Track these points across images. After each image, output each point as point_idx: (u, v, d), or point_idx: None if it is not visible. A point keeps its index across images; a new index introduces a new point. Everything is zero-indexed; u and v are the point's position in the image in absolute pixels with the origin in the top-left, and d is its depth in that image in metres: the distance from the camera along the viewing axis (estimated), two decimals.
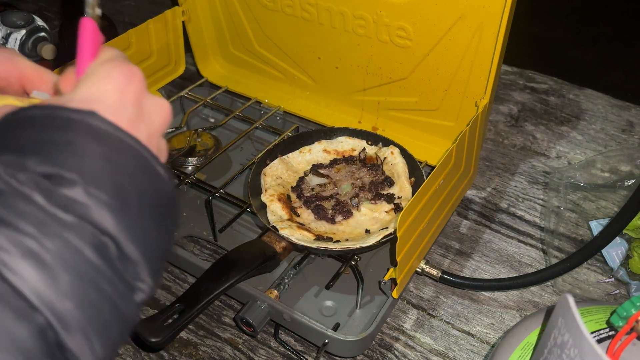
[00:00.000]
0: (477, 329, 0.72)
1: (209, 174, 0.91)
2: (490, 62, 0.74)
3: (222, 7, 0.99)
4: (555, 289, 0.76)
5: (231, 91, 1.04)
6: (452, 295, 0.76)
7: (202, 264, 0.71)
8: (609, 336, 0.46)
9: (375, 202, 0.77)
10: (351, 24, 0.84)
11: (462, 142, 0.71)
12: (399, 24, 0.80)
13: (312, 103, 0.99)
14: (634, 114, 1.05)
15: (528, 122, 1.04)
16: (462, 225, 0.85)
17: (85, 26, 0.38)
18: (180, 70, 1.04)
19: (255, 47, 1.01)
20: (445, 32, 0.77)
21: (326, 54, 0.92)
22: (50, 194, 0.27)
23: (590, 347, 0.37)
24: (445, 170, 0.68)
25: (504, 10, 0.69)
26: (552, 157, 0.97)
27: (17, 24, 1.15)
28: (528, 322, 0.55)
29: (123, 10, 1.42)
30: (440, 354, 0.69)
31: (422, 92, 0.85)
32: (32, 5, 1.44)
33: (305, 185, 0.80)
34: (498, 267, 0.79)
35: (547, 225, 0.83)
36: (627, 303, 0.43)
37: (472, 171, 0.84)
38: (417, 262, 0.71)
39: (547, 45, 1.32)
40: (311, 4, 0.86)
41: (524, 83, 1.14)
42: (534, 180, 0.93)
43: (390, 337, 0.71)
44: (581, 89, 1.12)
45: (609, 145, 0.98)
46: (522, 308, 0.74)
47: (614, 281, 0.76)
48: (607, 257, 0.77)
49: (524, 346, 0.52)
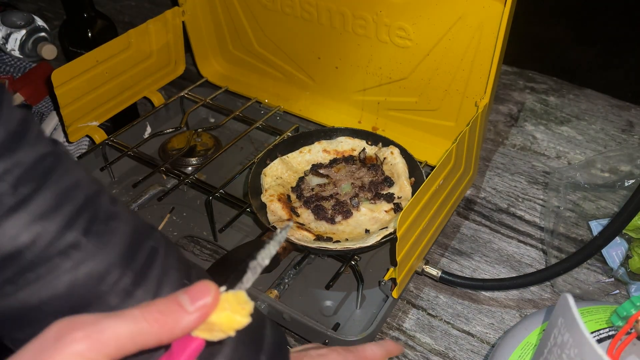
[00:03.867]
0: (477, 328, 0.72)
1: (209, 174, 0.91)
2: (490, 62, 0.74)
3: (222, 7, 0.99)
4: (555, 288, 0.76)
5: (231, 91, 1.04)
6: (452, 295, 0.76)
7: (202, 264, 0.71)
8: (609, 336, 0.46)
9: (375, 202, 0.76)
10: (351, 24, 0.84)
11: (462, 142, 0.71)
12: (398, 24, 0.80)
13: (312, 103, 0.99)
14: (633, 114, 1.05)
15: (528, 122, 1.04)
16: (462, 225, 0.85)
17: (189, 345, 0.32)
18: (180, 70, 1.04)
19: (255, 47, 1.01)
20: (445, 32, 0.77)
21: (326, 54, 0.92)
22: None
23: (590, 347, 0.36)
24: (445, 170, 0.68)
25: (503, 10, 0.69)
26: (552, 157, 0.97)
27: (17, 24, 1.15)
28: (528, 322, 0.55)
29: (123, 10, 1.42)
30: (440, 354, 0.69)
31: (422, 92, 0.85)
32: (32, 5, 1.44)
33: (305, 185, 0.80)
34: (498, 267, 0.79)
35: (547, 225, 0.83)
36: (627, 303, 0.43)
37: (472, 171, 0.84)
38: (417, 262, 0.71)
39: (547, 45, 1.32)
40: (311, 4, 0.86)
41: (523, 83, 1.14)
42: (533, 180, 0.93)
43: (390, 337, 0.71)
44: (581, 89, 1.12)
45: (609, 145, 0.98)
46: (522, 308, 0.74)
47: (614, 281, 0.76)
48: (607, 257, 0.77)
49: (524, 346, 0.52)
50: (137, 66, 0.93)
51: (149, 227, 0.40)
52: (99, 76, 0.86)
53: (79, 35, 0.92)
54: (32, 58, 1.16)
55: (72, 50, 0.94)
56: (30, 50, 1.15)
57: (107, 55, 0.86)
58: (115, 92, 0.91)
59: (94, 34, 0.92)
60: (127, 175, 0.92)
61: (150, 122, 0.99)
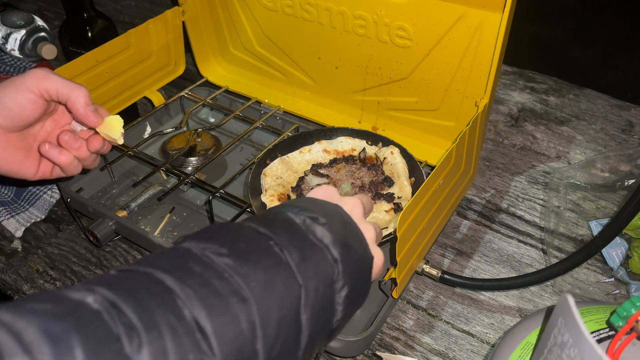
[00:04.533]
0: (477, 329, 0.72)
1: (209, 174, 0.91)
2: (490, 62, 0.74)
3: (222, 7, 0.99)
4: (555, 288, 0.76)
5: (231, 91, 1.04)
6: (452, 295, 0.76)
7: None
8: (609, 336, 0.46)
9: (375, 202, 0.76)
10: (351, 24, 0.84)
11: (462, 142, 0.71)
12: (398, 24, 0.80)
13: (312, 103, 0.99)
14: (633, 114, 1.05)
15: (528, 122, 1.04)
16: (462, 225, 0.85)
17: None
18: (180, 70, 1.04)
19: (255, 47, 1.01)
20: (445, 32, 0.77)
21: (326, 54, 0.92)
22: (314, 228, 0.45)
23: (590, 347, 0.36)
24: (445, 170, 0.68)
25: (503, 10, 0.69)
26: (552, 157, 0.97)
27: (17, 24, 1.15)
28: (528, 322, 0.54)
29: (123, 10, 1.42)
30: (440, 354, 0.69)
31: (422, 92, 0.85)
32: (32, 5, 1.44)
33: (305, 185, 0.80)
34: (498, 267, 0.79)
35: (547, 225, 0.83)
36: (627, 303, 0.43)
37: (472, 171, 0.84)
38: (417, 262, 0.71)
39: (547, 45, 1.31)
40: (311, 4, 0.86)
41: (523, 83, 1.14)
42: (534, 180, 0.93)
43: (391, 337, 0.71)
44: (581, 89, 1.12)
45: (609, 145, 0.98)
46: (522, 308, 0.74)
47: (614, 281, 0.76)
48: (607, 257, 0.77)
49: (523, 346, 0.52)
50: (137, 66, 0.93)
51: None
52: (99, 76, 0.86)
53: (79, 35, 0.92)
54: (32, 58, 1.16)
55: (72, 50, 0.94)
56: (30, 50, 1.15)
57: (107, 55, 0.86)
58: (115, 92, 0.91)
59: (94, 34, 0.92)
60: (127, 175, 0.92)
61: (150, 122, 0.99)
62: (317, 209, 0.47)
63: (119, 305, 0.32)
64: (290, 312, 0.39)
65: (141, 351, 0.30)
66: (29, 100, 0.61)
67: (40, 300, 0.30)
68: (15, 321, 0.27)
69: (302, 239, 0.43)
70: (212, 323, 0.34)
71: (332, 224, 0.46)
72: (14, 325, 0.27)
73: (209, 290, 0.35)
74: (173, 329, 0.32)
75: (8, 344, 0.26)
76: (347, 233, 0.47)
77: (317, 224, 0.45)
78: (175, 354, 0.32)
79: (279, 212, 0.46)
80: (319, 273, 0.42)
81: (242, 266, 0.38)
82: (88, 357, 0.28)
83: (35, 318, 0.28)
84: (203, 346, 0.33)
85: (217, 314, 0.34)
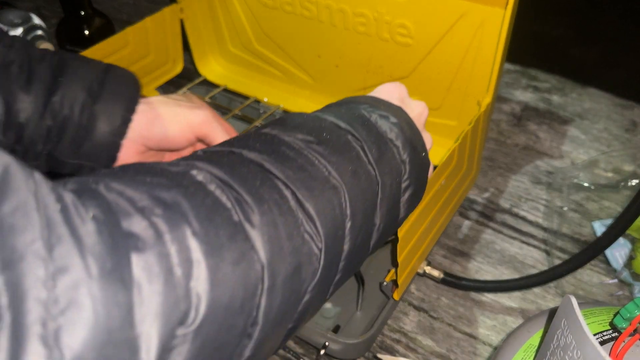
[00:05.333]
0: (479, 331, 0.71)
1: None
2: (492, 60, 0.73)
3: (220, 5, 0.99)
4: (558, 290, 0.75)
5: (230, 90, 1.03)
6: (454, 297, 0.75)
7: None
8: (613, 338, 0.46)
9: None
10: (351, 21, 0.84)
11: (464, 142, 0.70)
12: (400, 21, 0.79)
13: (312, 102, 0.99)
14: (637, 114, 1.04)
15: (531, 122, 1.03)
16: (463, 226, 0.85)
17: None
18: (178, 68, 1.03)
19: (254, 46, 1.00)
20: (447, 30, 0.76)
21: (326, 53, 0.91)
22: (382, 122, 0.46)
23: (594, 349, 0.36)
24: (447, 170, 0.67)
25: (506, 8, 0.68)
26: (555, 157, 0.96)
27: (14, 22, 1.14)
28: (531, 324, 0.54)
29: (121, 8, 1.41)
30: (442, 356, 0.68)
31: (423, 91, 0.85)
32: (30, 4, 1.44)
33: None
34: (500, 268, 0.78)
35: (550, 225, 0.82)
36: (631, 304, 0.43)
37: (474, 171, 0.83)
38: (418, 263, 0.70)
39: (550, 44, 1.31)
40: (311, 2, 0.85)
41: (526, 82, 1.13)
42: (536, 180, 0.92)
43: (392, 339, 0.70)
44: (584, 88, 1.11)
45: (612, 145, 0.98)
46: (525, 309, 0.73)
47: (618, 282, 0.75)
48: (611, 258, 0.76)
49: (526, 348, 0.51)
50: (134, 64, 0.92)
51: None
52: None
53: (77, 33, 0.92)
54: None
55: (70, 49, 0.93)
56: None
57: (105, 53, 0.85)
58: None
59: (91, 32, 0.92)
60: None
61: None
62: (386, 108, 0.48)
63: (224, 179, 0.32)
64: (372, 206, 0.41)
65: (252, 220, 0.31)
66: (185, 138, 0.61)
67: (142, 173, 0.31)
68: (125, 189, 0.28)
69: (377, 137, 0.44)
70: (315, 205, 0.35)
71: (402, 125, 0.47)
72: (125, 192, 0.28)
73: (306, 175, 0.36)
74: (279, 206, 0.33)
75: (122, 205, 0.27)
76: (413, 135, 0.48)
77: (388, 123, 0.46)
78: (284, 229, 0.32)
79: (353, 107, 0.47)
80: (392, 171, 0.44)
81: (332, 155, 0.39)
82: (199, 222, 0.28)
83: (143, 186, 0.29)
84: (308, 226, 0.34)
85: (316, 197, 0.36)
